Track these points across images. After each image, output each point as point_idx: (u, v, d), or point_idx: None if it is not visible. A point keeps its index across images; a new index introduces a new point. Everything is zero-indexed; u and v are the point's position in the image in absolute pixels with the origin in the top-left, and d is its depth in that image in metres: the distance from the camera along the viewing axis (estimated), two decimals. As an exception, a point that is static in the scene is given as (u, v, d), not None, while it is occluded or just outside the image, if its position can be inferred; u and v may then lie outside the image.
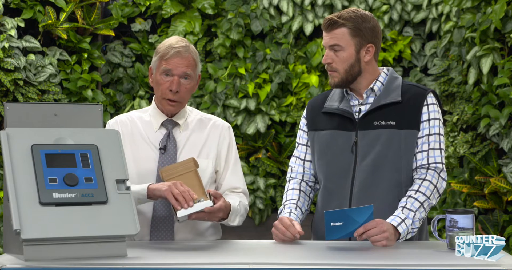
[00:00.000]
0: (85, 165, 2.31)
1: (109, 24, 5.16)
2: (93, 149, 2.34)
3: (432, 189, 2.62)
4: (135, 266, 2.16)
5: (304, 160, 2.84)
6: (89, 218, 2.24)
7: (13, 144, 2.25)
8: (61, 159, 2.29)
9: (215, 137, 2.84)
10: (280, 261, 2.23)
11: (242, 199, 2.81)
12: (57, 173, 2.26)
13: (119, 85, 5.35)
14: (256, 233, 5.18)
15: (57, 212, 2.21)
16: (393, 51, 5.21)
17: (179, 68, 2.74)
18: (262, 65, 5.28)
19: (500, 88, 4.41)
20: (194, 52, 2.78)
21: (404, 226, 2.52)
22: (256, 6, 5.32)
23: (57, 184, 2.24)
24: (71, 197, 2.25)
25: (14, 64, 4.43)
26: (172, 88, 2.73)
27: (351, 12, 2.69)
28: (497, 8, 4.25)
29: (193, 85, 2.80)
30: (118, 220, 2.27)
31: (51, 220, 2.19)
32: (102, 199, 2.27)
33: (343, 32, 2.67)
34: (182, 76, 2.75)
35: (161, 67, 2.75)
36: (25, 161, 2.24)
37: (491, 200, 4.44)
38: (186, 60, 2.74)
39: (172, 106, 2.78)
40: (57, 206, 2.21)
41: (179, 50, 2.73)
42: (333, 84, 2.72)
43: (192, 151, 2.79)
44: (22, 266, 2.14)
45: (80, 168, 2.30)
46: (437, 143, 2.68)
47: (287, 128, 5.34)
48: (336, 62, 2.69)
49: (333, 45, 2.68)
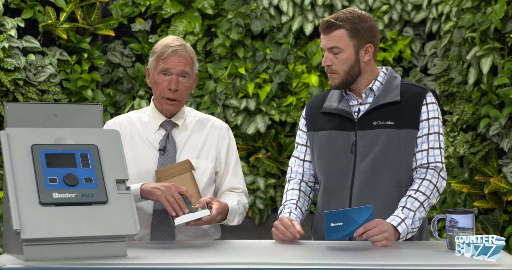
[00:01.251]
0: (85, 165, 2.31)
1: (109, 24, 5.16)
2: (93, 149, 2.34)
3: (432, 188, 2.62)
4: (135, 266, 2.16)
5: (303, 160, 2.84)
6: (89, 218, 2.24)
7: (13, 144, 2.25)
8: (61, 159, 2.29)
9: (214, 137, 2.84)
10: (280, 261, 2.23)
11: (241, 198, 2.81)
12: (57, 173, 2.26)
13: (119, 85, 5.34)
14: (256, 233, 5.18)
15: (57, 212, 2.21)
16: (393, 51, 5.21)
17: (177, 66, 2.74)
18: (262, 65, 5.28)
19: (500, 88, 4.40)
20: (190, 51, 2.79)
21: (404, 226, 2.52)
22: (256, 6, 5.32)
23: (57, 184, 2.24)
24: (71, 197, 2.24)
25: (14, 64, 4.43)
26: (171, 86, 2.73)
27: (347, 13, 2.69)
28: (497, 8, 4.25)
29: (192, 83, 2.80)
30: (118, 220, 2.27)
31: (51, 220, 2.19)
32: (102, 199, 2.27)
33: (341, 33, 2.67)
34: (180, 74, 2.75)
35: (158, 67, 2.76)
36: (25, 161, 2.24)
37: (491, 200, 4.43)
38: (183, 58, 2.75)
39: (171, 105, 2.78)
40: (57, 206, 2.21)
41: (176, 49, 2.74)
42: (334, 85, 2.72)
43: (191, 152, 2.79)
44: (22, 266, 2.14)
45: (80, 168, 2.30)
46: (436, 142, 2.68)
47: (287, 128, 5.34)
48: (335, 64, 2.68)
49: (332, 48, 2.68)
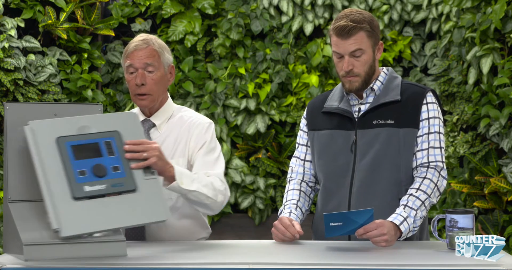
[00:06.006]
0: (110, 154, 2.28)
1: (109, 24, 5.16)
2: (116, 136, 2.31)
3: (433, 187, 2.62)
4: (135, 266, 2.16)
5: (304, 160, 2.84)
6: (123, 209, 2.22)
7: (38, 139, 2.23)
8: (87, 149, 2.26)
9: (192, 135, 2.80)
10: (280, 261, 2.24)
11: (210, 177, 2.67)
12: (85, 164, 2.24)
13: (119, 85, 5.34)
14: (256, 233, 5.18)
15: (91, 205, 2.20)
16: (393, 51, 5.21)
17: (139, 60, 2.75)
18: (262, 65, 5.28)
19: (500, 88, 4.40)
20: (155, 44, 2.79)
21: (406, 225, 2.52)
22: (256, 6, 5.32)
23: (87, 176, 2.22)
24: (102, 189, 2.22)
25: (14, 64, 4.43)
26: (137, 81, 2.74)
27: (357, 14, 2.66)
28: (497, 8, 4.25)
29: (161, 76, 2.78)
30: (149, 207, 2.26)
31: (87, 214, 2.18)
32: (132, 187, 2.25)
33: (361, 35, 2.63)
34: (144, 67, 2.75)
35: (125, 65, 2.78)
36: (52, 155, 2.22)
37: (491, 200, 4.43)
38: (145, 51, 2.75)
39: (142, 100, 2.77)
40: (90, 199, 2.20)
41: (137, 44, 2.76)
42: (355, 88, 2.68)
43: (166, 151, 2.67)
44: (22, 266, 2.14)
45: (106, 157, 2.27)
46: (437, 141, 2.68)
47: (287, 128, 5.34)
48: (357, 66, 2.65)
49: (355, 51, 2.63)
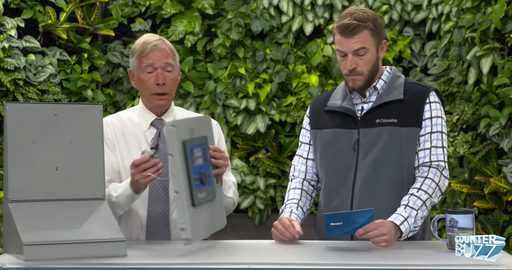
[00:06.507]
0: (205, 160, 2.28)
1: (109, 24, 5.16)
2: (205, 141, 2.30)
3: (434, 187, 2.62)
4: (135, 266, 2.16)
5: (306, 158, 2.84)
6: (212, 216, 2.27)
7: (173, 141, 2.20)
8: (198, 154, 2.26)
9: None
10: (280, 261, 2.24)
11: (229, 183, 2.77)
12: (196, 171, 2.24)
13: (119, 85, 5.34)
14: (256, 233, 5.18)
15: (202, 212, 2.23)
16: (393, 51, 5.21)
17: (160, 60, 2.75)
18: (262, 65, 5.28)
19: (500, 88, 4.40)
20: (169, 44, 2.81)
21: (406, 225, 2.52)
22: (256, 6, 5.32)
23: (198, 184, 2.23)
24: (205, 197, 2.25)
25: (14, 64, 4.43)
26: (159, 81, 2.74)
27: (362, 12, 2.65)
28: (497, 8, 4.25)
29: (176, 75, 2.81)
30: (221, 214, 2.31)
31: (201, 221, 2.22)
32: (214, 195, 2.28)
33: (365, 34, 2.64)
34: (165, 67, 2.76)
35: (142, 65, 2.77)
36: (182, 158, 2.20)
37: (491, 200, 4.43)
38: (164, 51, 2.76)
39: (162, 99, 2.78)
40: (199, 206, 2.22)
41: (156, 44, 2.76)
42: (358, 87, 2.68)
43: None
44: (22, 266, 2.14)
45: (204, 163, 2.27)
46: (439, 141, 2.68)
47: (287, 128, 5.33)
48: (360, 65, 2.65)
49: (359, 49, 2.63)
